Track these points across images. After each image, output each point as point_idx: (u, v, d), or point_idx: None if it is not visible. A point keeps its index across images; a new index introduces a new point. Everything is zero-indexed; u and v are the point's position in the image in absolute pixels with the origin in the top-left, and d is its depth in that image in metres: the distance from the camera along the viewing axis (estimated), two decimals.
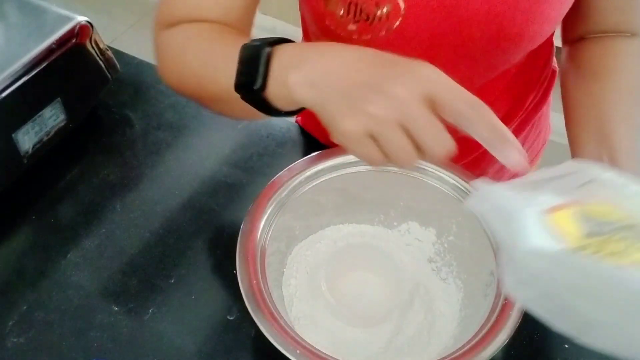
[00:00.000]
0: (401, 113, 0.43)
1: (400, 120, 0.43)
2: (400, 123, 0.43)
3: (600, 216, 0.44)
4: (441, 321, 0.61)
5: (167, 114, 0.84)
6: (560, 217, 0.43)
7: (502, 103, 0.74)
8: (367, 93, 0.43)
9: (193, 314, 0.64)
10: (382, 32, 0.59)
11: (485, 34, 0.59)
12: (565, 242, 0.42)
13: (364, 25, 0.59)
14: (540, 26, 0.60)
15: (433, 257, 0.67)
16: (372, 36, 0.59)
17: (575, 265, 0.40)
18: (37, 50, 0.71)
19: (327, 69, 0.46)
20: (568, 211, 0.44)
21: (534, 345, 0.62)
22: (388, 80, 0.43)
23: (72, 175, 0.77)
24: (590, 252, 0.41)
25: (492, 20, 0.58)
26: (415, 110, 0.43)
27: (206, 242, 0.70)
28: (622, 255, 0.41)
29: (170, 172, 0.77)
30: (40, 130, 0.74)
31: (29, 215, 0.73)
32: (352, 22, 0.59)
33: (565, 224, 0.42)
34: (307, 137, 0.82)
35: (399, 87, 0.43)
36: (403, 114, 0.43)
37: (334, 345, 0.60)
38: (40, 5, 0.76)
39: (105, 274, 0.67)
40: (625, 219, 0.44)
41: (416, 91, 0.43)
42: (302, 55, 0.48)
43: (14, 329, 0.63)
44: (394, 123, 0.43)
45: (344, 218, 0.69)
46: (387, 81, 0.43)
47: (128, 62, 0.90)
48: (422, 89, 0.43)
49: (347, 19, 0.59)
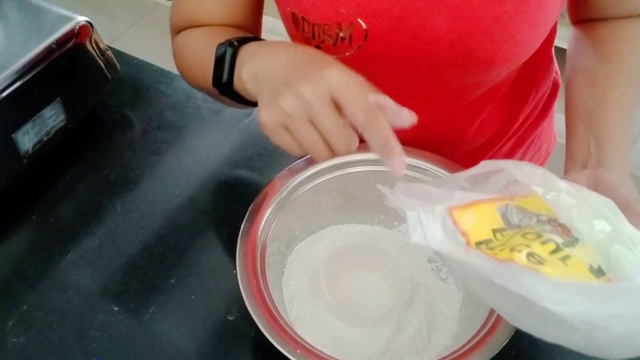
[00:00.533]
0: (307, 111, 0.47)
1: (308, 116, 0.47)
2: (309, 119, 0.47)
3: (532, 208, 0.46)
4: (441, 321, 0.61)
5: (167, 114, 0.84)
6: (466, 213, 0.46)
7: (494, 119, 0.73)
8: (284, 90, 0.48)
9: (193, 314, 0.64)
10: (347, 53, 0.61)
11: (452, 57, 0.59)
12: (461, 237, 0.44)
13: (327, 47, 0.61)
14: (512, 49, 0.59)
15: (433, 257, 0.66)
16: (337, 57, 0.60)
17: (465, 261, 0.42)
18: (37, 50, 0.71)
19: (268, 65, 0.52)
20: (489, 205, 0.46)
21: (534, 345, 0.62)
22: (301, 80, 0.47)
23: (72, 175, 0.77)
24: (486, 247, 0.44)
25: (459, 44, 0.58)
26: (318, 111, 0.47)
27: (206, 242, 0.70)
28: (515, 250, 0.42)
29: (170, 172, 0.77)
30: (40, 130, 0.74)
31: (29, 215, 0.73)
32: (317, 43, 0.61)
33: (470, 220, 0.45)
34: None
35: (307, 87, 0.47)
36: (309, 112, 0.47)
37: (334, 345, 0.60)
38: (40, 5, 0.76)
39: (105, 274, 0.68)
40: (550, 212, 0.46)
41: (321, 92, 0.47)
42: (256, 53, 0.54)
43: (14, 329, 0.63)
44: (302, 118, 0.47)
45: (344, 218, 0.69)
46: (300, 81, 0.47)
47: (128, 62, 0.90)
48: (327, 91, 0.47)
49: (312, 41, 0.61)
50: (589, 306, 0.37)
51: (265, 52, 0.54)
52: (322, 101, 0.46)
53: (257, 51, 0.55)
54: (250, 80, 0.53)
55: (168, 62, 0.91)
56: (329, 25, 0.59)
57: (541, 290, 0.38)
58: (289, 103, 0.47)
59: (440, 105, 0.67)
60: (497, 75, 0.64)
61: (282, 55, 0.52)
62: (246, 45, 0.56)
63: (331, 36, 0.60)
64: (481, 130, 0.73)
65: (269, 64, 0.52)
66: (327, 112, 0.47)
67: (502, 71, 0.63)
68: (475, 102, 0.68)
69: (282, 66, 0.51)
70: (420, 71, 0.62)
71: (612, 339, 0.39)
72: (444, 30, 0.58)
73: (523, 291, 0.39)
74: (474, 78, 0.63)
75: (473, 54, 0.59)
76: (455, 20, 0.57)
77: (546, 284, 0.39)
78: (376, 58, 0.61)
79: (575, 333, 0.39)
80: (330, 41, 0.60)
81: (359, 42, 0.59)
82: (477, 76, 0.62)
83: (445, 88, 0.65)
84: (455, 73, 0.61)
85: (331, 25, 0.59)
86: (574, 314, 0.38)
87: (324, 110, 0.47)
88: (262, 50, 0.54)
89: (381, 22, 0.58)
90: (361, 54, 0.60)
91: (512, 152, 0.80)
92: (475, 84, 0.65)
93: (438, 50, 0.59)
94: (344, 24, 0.59)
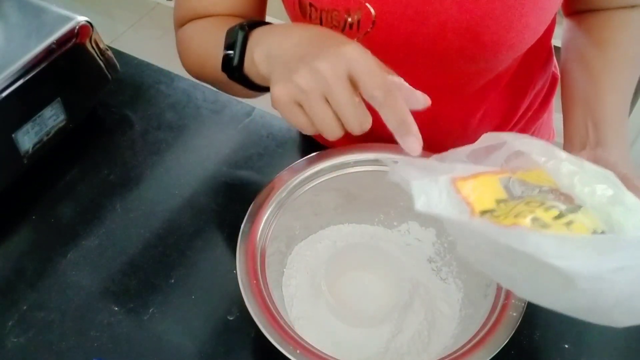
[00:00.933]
0: (323, 87, 0.46)
1: (323, 93, 0.47)
2: (323, 95, 0.47)
3: (533, 181, 0.47)
4: (441, 321, 0.61)
5: (167, 114, 0.84)
6: (469, 184, 0.46)
7: (496, 110, 0.74)
8: (299, 66, 0.47)
9: (193, 314, 0.64)
10: (355, 39, 0.60)
11: (460, 42, 0.60)
12: (465, 206, 0.45)
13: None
14: (519, 34, 0.59)
15: (433, 257, 0.67)
16: None
17: (471, 229, 0.43)
18: (37, 50, 0.71)
19: (281, 45, 0.51)
20: (492, 177, 0.47)
21: (534, 345, 0.62)
22: (317, 56, 0.47)
23: (72, 175, 0.77)
24: (490, 216, 0.44)
25: (467, 29, 0.59)
26: (334, 87, 0.46)
27: (206, 242, 0.70)
28: (519, 216, 0.42)
29: (170, 172, 0.77)
30: (40, 130, 0.74)
31: (29, 215, 0.73)
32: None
33: (473, 190, 0.46)
34: (307, 137, 0.82)
35: (324, 63, 0.46)
36: (324, 88, 0.46)
37: (334, 345, 0.60)
38: (40, 5, 0.76)
39: (105, 274, 0.68)
40: (552, 184, 0.46)
41: (338, 68, 0.46)
42: (269, 33, 0.54)
43: (14, 329, 0.63)
44: (317, 94, 0.47)
45: (344, 218, 0.69)
46: (316, 57, 0.47)
47: (128, 62, 0.90)
48: (344, 67, 0.46)
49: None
50: (594, 259, 0.37)
51: (279, 31, 0.53)
52: (338, 77, 0.46)
53: (269, 32, 0.54)
54: (263, 61, 0.52)
55: (168, 62, 0.91)
56: (338, 10, 0.59)
57: (546, 246, 0.38)
58: (304, 79, 0.46)
59: (445, 94, 0.68)
60: (502, 62, 0.64)
61: (296, 35, 0.51)
62: (257, 29, 0.55)
63: (339, 22, 0.60)
64: (484, 121, 0.74)
65: (283, 43, 0.51)
66: (343, 89, 0.46)
67: (507, 58, 0.63)
68: (478, 92, 0.69)
69: (297, 44, 0.50)
70: (426, 58, 0.62)
71: (617, 298, 0.38)
72: (452, 14, 0.58)
73: (528, 248, 0.39)
74: (479, 65, 0.63)
75: (480, 39, 0.59)
76: (463, 4, 0.57)
77: (551, 239, 0.38)
78: (383, 45, 0.61)
79: (580, 295, 0.39)
80: (338, 27, 0.60)
81: (367, 28, 0.60)
82: (483, 63, 0.63)
83: (451, 76, 0.65)
84: (461, 59, 0.62)
85: (340, 11, 0.59)
86: (579, 269, 0.37)
87: (340, 86, 0.46)
88: (274, 31, 0.54)
89: (389, 7, 0.59)
90: (368, 40, 0.60)
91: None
92: (479, 71, 0.65)
93: (445, 36, 0.59)
94: (353, 9, 0.59)
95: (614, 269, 0.38)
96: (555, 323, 0.62)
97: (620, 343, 0.62)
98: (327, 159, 0.66)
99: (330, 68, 0.46)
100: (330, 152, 0.66)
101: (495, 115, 0.74)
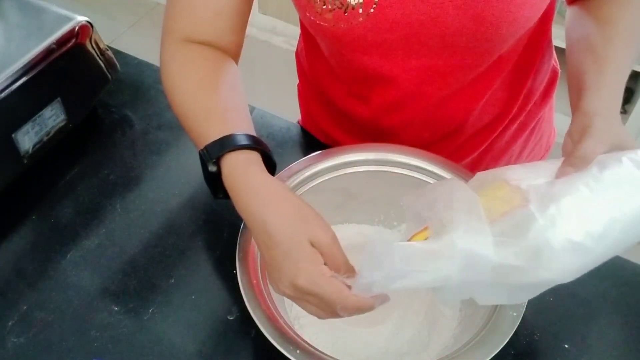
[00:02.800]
0: (304, 297, 0.51)
1: (307, 300, 0.52)
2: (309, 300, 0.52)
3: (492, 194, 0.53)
4: (441, 321, 0.61)
5: (167, 114, 0.84)
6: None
7: (498, 98, 0.74)
8: (274, 277, 0.53)
9: (193, 314, 0.64)
10: (357, 20, 0.61)
11: (462, 19, 0.60)
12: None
13: (339, 15, 0.61)
14: (519, 10, 0.60)
15: None
16: (348, 24, 0.61)
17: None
18: (37, 50, 0.71)
19: (252, 227, 0.55)
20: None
21: (533, 345, 0.62)
22: (280, 277, 0.52)
23: (72, 175, 0.77)
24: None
25: (468, 5, 0.59)
26: (310, 298, 0.51)
27: (206, 242, 0.70)
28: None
29: (170, 172, 0.77)
30: (40, 130, 0.74)
31: (29, 215, 0.73)
32: (328, 12, 0.61)
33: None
34: (307, 137, 0.82)
35: (286, 285, 0.51)
36: (306, 297, 0.51)
37: (334, 345, 0.60)
38: (40, 5, 0.76)
39: (105, 274, 0.68)
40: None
41: (302, 290, 0.51)
42: (237, 195, 0.57)
43: (14, 329, 0.63)
44: (303, 301, 0.52)
45: (344, 218, 0.69)
46: (278, 279, 0.52)
47: (128, 62, 0.90)
48: (305, 291, 0.51)
49: (323, 10, 0.61)
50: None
51: (245, 209, 0.56)
52: (308, 293, 0.51)
53: (237, 195, 0.57)
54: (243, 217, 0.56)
55: None
56: None
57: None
58: (284, 293, 0.52)
59: (448, 79, 0.68)
60: (503, 43, 0.65)
61: (260, 225, 0.54)
62: (227, 166, 0.59)
63: (342, 3, 0.60)
64: (485, 109, 0.74)
65: (252, 226, 0.55)
66: (318, 300, 0.51)
67: (508, 36, 0.63)
68: (481, 78, 0.69)
69: (265, 244, 0.53)
70: (428, 38, 0.62)
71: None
72: None
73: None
74: (482, 45, 0.63)
75: (480, 15, 0.59)
76: None
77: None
78: (386, 25, 0.61)
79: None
80: (342, 8, 0.60)
81: (369, 8, 0.60)
82: (485, 42, 0.63)
83: (453, 58, 0.65)
84: (463, 38, 0.62)
85: None
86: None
87: (313, 298, 0.51)
88: (242, 202, 0.56)
89: None
90: (371, 21, 0.61)
91: (514, 138, 0.81)
92: (482, 52, 0.65)
93: (447, 12, 0.60)
94: None
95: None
96: (555, 323, 0.62)
97: (620, 343, 0.62)
98: (327, 159, 0.65)
99: (297, 289, 0.51)
100: (330, 152, 0.66)
101: (496, 104, 0.74)
